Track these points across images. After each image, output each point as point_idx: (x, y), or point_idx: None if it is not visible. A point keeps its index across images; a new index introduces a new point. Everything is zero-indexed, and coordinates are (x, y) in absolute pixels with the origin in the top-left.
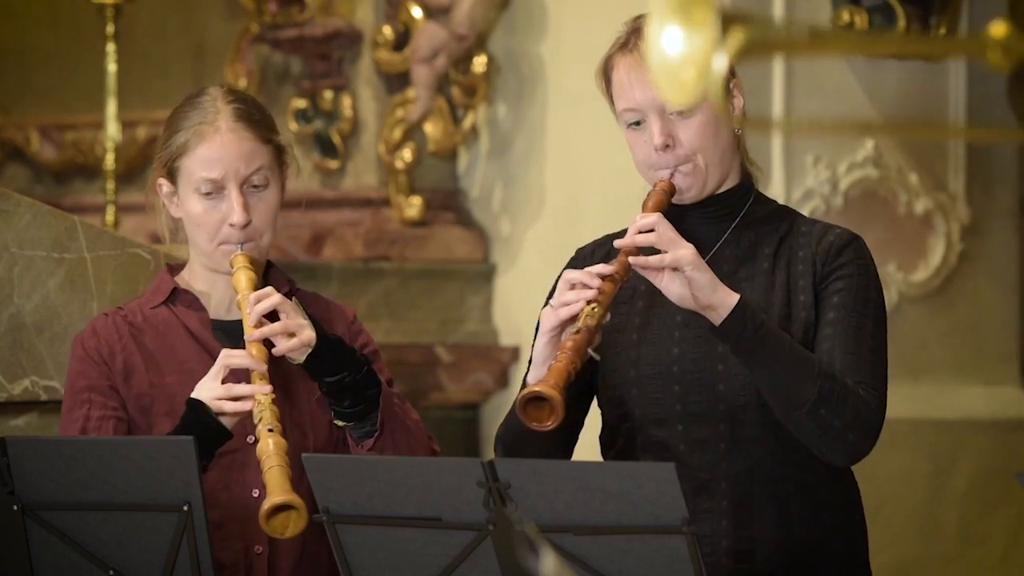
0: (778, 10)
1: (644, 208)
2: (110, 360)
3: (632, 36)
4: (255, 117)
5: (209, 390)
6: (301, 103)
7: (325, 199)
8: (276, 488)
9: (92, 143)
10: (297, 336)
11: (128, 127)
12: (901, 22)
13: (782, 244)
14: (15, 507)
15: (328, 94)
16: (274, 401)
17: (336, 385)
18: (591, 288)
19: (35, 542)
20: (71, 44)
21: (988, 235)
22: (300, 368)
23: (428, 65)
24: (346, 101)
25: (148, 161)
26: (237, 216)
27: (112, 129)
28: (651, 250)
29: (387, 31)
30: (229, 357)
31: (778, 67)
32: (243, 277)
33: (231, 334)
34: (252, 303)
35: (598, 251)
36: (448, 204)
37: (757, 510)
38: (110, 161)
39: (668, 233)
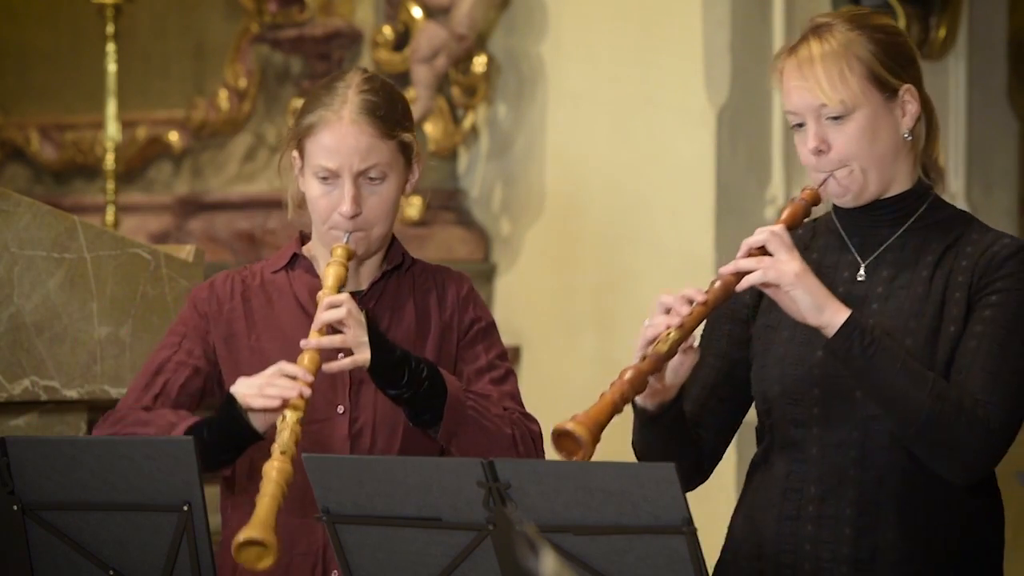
0: (778, 10)
1: (778, 219)
2: (215, 317)
3: (801, 39)
4: (380, 112)
5: (246, 386)
6: (301, 103)
7: None
8: (258, 521)
9: (92, 143)
10: (352, 356)
11: (128, 127)
12: (901, 22)
13: (947, 252)
14: (15, 507)
15: None
16: (300, 421)
17: (396, 398)
18: (679, 315)
19: (35, 542)
20: (71, 44)
21: None
22: None
23: (428, 65)
24: None
25: (148, 161)
26: (346, 208)
27: (112, 129)
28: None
29: (387, 31)
30: (280, 371)
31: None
32: (332, 273)
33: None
34: (323, 308)
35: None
36: (448, 204)
37: (882, 520)
38: (110, 161)
39: (779, 249)
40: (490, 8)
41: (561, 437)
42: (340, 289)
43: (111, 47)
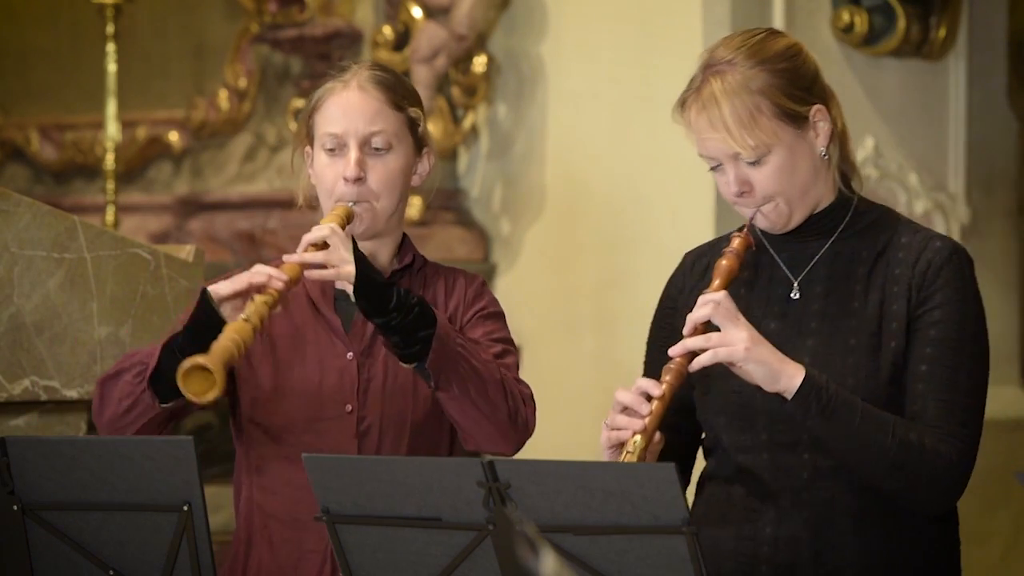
0: (778, 10)
1: (715, 273)
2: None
3: (700, 80)
4: (388, 82)
5: (226, 282)
6: (301, 103)
7: None
8: (212, 353)
9: (92, 143)
10: (335, 268)
11: (128, 127)
12: (901, 22)
13: (878, 261)
14: (15, 507)
15: None
16: (269, 304)
17: (384, 326)
18: (641, 416)
19: (35, 542)
20: (71, 44)
21: (988, 235)
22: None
23: (428, 65)
24: None
25: (148, 161)
26: (349, 170)
27: (112, 129)
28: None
29: (387, 31)
30: (258, 267)
31: None
32: (330, 216)
33: (351, 304)
34: (312, 232)
35: (698, 263)
36: (448, 204)
37: (839, 539)
38: (110, 161)
39: (724, 322)
40: (490, 8)
41: None
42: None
43: (111, 47)
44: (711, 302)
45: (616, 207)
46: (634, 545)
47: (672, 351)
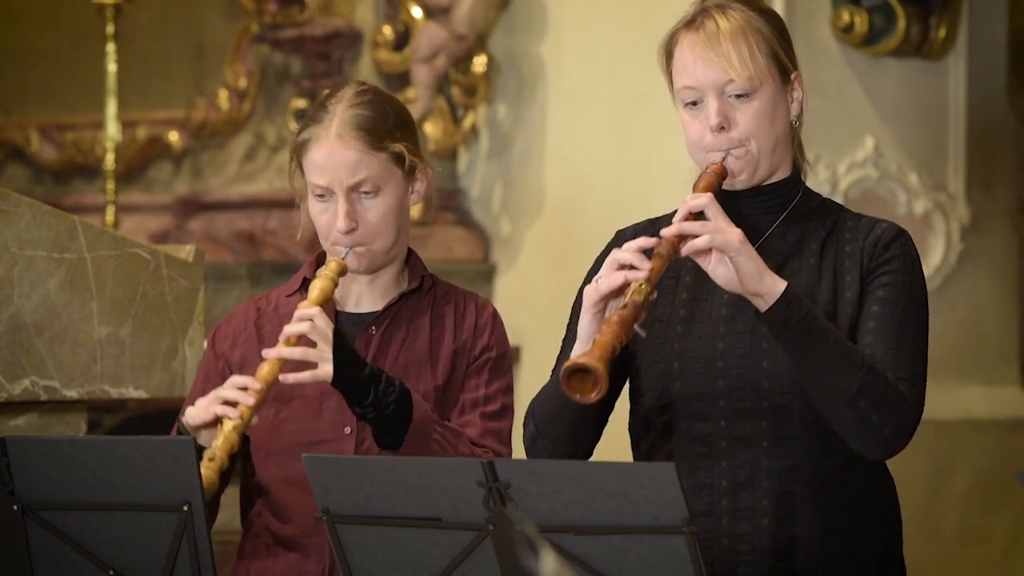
0: (778, 10)
1: (695, 189)
2: (230, 352)
3: (699, 15)
4: (367, 125)
5: (195, 407)
6: (301, 103)
7: None
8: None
9: (92, 143)
10: (310, 370)
11: (128, 127)
12: (901, 22)
13: (828, 239)
14: (15, 507)
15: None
16: (238, 430)
17: (360, 416)
18: (640, 270)
19: (35, 542)
20: (71, 44)
21: (988, 235)
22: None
23: (428, 65)
24: None
25: (148, 161)
26: (340, 224)
27: (112, 129)
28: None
29: (387, 31)
30: (236, 382)
31: None
32: (318, 286)
33: (356, 327)
34: (295, 320)
35: (640, 236)
36: (448, 204)
37: (799, 508)
38: (110, 161)
39: (718, 216)
40: (490, 8)
41: (571, 377)
42: (328, 304)
43: (111, 47)
44: (706, 196)
45: (616, 207)
46: (634, 545)
47: (665, 231)
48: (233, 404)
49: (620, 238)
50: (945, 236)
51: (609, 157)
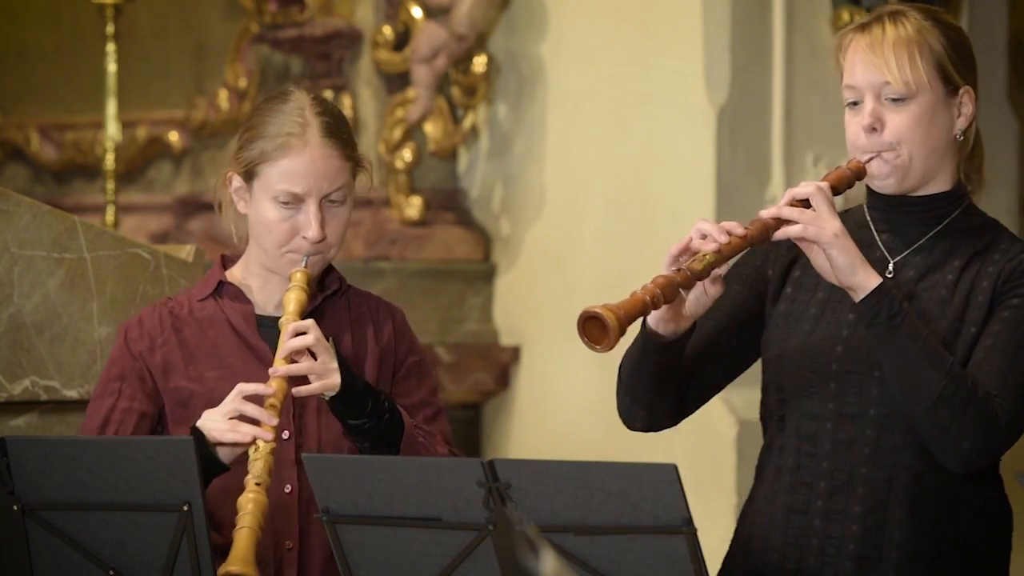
0: (778, 10)
1: (825, 179)
2: (148, 355)
3: (874, 20)
4: (343, 135)
5: (213, 421)
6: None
7: None
8: (238, 556)
9: (92, 143)
10: (321, 380)
11: (128, 127)
12: None
13: (975, 258)
14: (15, 507)
15: (328, 94)
16: (273, 451)
17: (356, 429)
18: (716, 242)
19: (35, 542)
20: (71, 44)
21: None
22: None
23: (428, 65)
24: (346, 101)
25: (148, 161)
26: (314, 233)
27: (112, 129)
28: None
29: (387, 31)
30: (241, 394)
31: (778, 65)
32: (294, 298)
33: (275, 331)
34: (289, 334)
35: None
36: (448, 204)
37: (890, 520)
38: (110, 161)
39: (822, 206)
40: (490, 8)
41: (587, 322)
42: (303, 315)
43: (111, 47)
44: (814, 185)
45: (616, 207)
46: (634, 545)
47: (764, 212)
48: (255, 422)
49: None
50: None
51: (609, 157)
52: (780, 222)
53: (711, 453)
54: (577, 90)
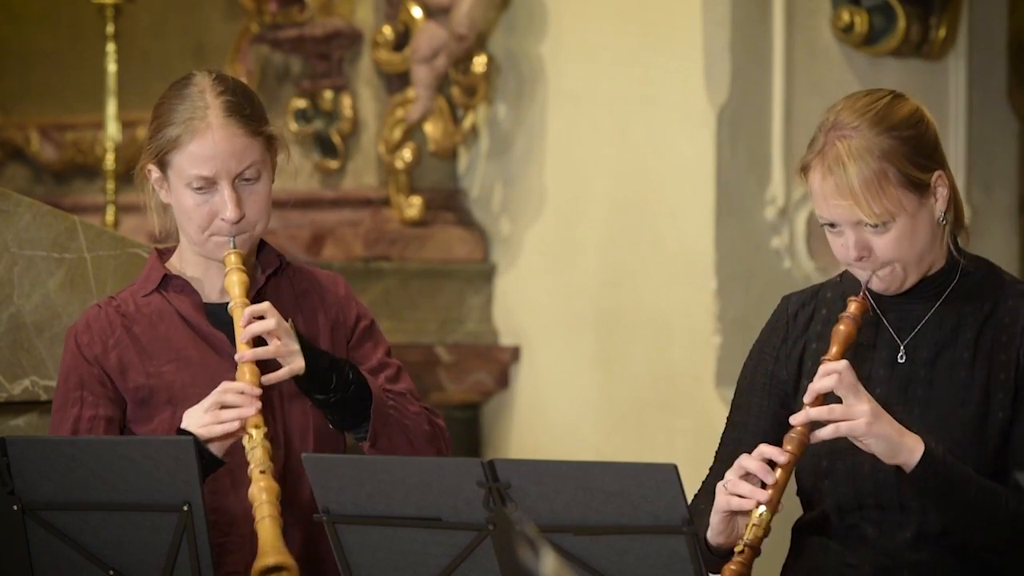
0: (778, 10)
1: (833, 339)
2: (103, 357)
3: (825, 144)
4: (246, 111)
5: (197, 419)
6: (301, 103)
7: (325, 199)
8: (270, 547)
9: (92, 143)
10: (286, 366)
11: (128, 127)
12: (901, 22)
13: (985, 324)
14: (15, 507)
15: (328, 94)
16: (267, 435)
17: (324, 403)
18: (766, 487)
19: (35, 542)
20: (71, 44)
21: (988, 235)
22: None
23: (428, 65)
24: (346, 101)
25: None
26: (230, 213)
27: (112, 129)
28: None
29: (387, 31)
30: (225, 392)
31: (778, 66)
32: (236, 280)
33: (225, 317)
34: (246, 319)
35: (802, 313)
36: (448, 204)
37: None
38: (110, 161)
39: (848, 394)
40: (490, 8)
41: None
42: (250, 295)
43: (111, 47)
44: (834, 372)
45: (616, 207)
46: (634, 545)
47: (794, 419)
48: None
49: (788, 310)
50: None
51: (609, 157)
52: (813, 425)
53: (711, 453)
54: (577, 90)
